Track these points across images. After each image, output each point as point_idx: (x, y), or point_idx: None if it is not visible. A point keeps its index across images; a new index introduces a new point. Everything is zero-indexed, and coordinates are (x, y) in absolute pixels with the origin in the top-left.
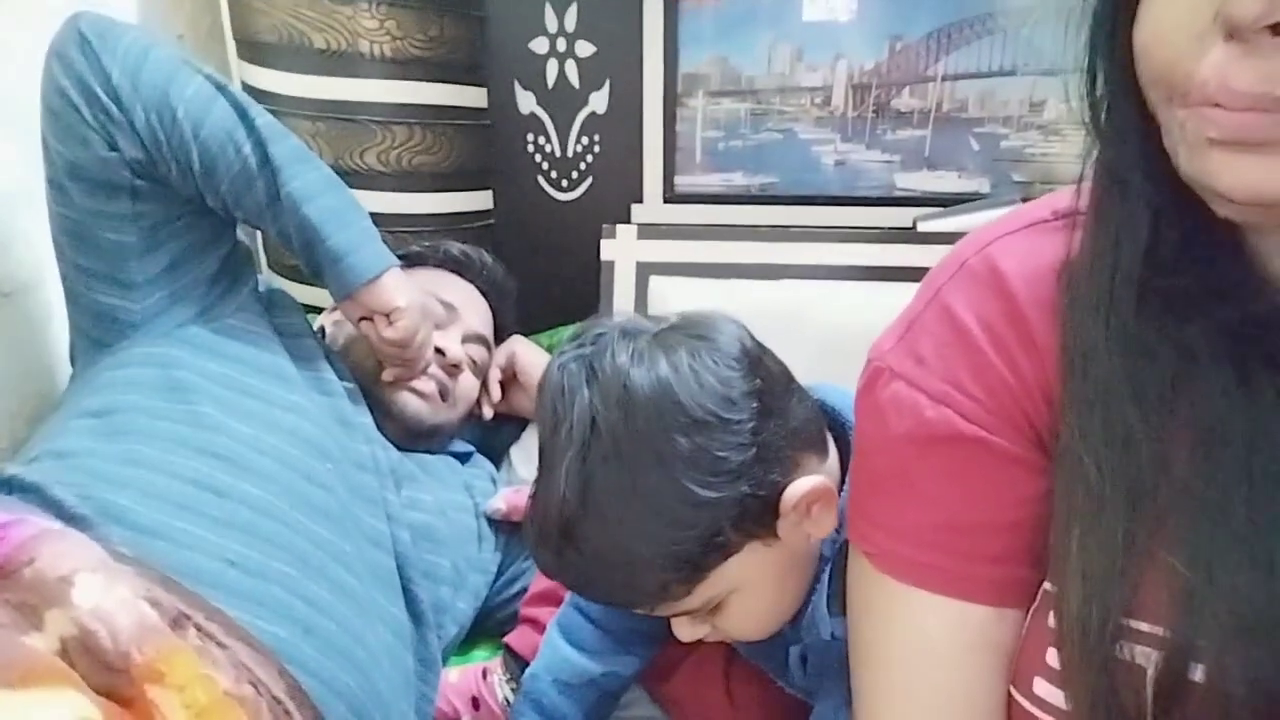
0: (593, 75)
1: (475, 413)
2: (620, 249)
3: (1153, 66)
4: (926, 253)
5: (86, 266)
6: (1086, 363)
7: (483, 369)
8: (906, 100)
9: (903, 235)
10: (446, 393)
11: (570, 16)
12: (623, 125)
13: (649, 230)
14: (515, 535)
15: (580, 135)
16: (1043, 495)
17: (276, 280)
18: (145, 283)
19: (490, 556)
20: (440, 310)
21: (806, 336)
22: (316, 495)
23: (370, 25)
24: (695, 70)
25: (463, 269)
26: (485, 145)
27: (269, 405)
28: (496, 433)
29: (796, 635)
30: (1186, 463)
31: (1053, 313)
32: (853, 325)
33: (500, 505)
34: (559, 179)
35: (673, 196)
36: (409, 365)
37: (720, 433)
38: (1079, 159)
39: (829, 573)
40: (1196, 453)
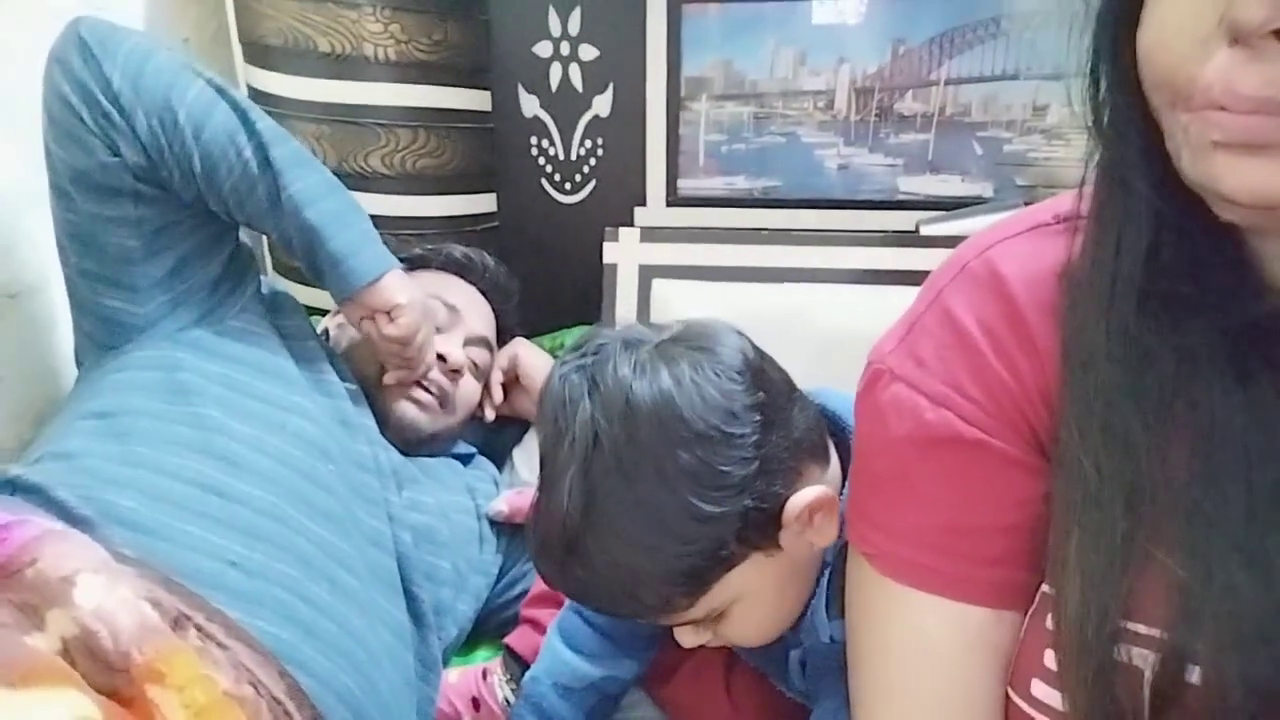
0: (596, 79)
1: (477, 415)
2: (623, 252)
3: (1156, 70)
4: (929, 256)
5: (90, 270)
6: (1086, 366)
7: (485, 372)
8: (909, 104)
9: (905, 239)
10: (446, 399)
11: (574, 20)
12: (626, 129)
13: (652, 233)
14: (517, 537)
15: (584, 138)
16: (1042, 498)
17: (281, 282)
18: (148, 286)
19: (491, 558)
20: (443, 313)
21: (808, 339)
22: (318, 496)
23: (375, 29)
24: (699, 74)
25: (465, 271)
26: (489, 148)
27: (271, 407)
28: (499, 434)
29: (796, 639)
30: (1185, 466)
31: (1053, 316)
32: (855, 328)
33: (502, 507)
34: (562, 182)
35: (676, 200)
36: (410, 365)
37: (723, 447)
38: (1082, 163)
39: (828, 576)
40: (1195, 456)
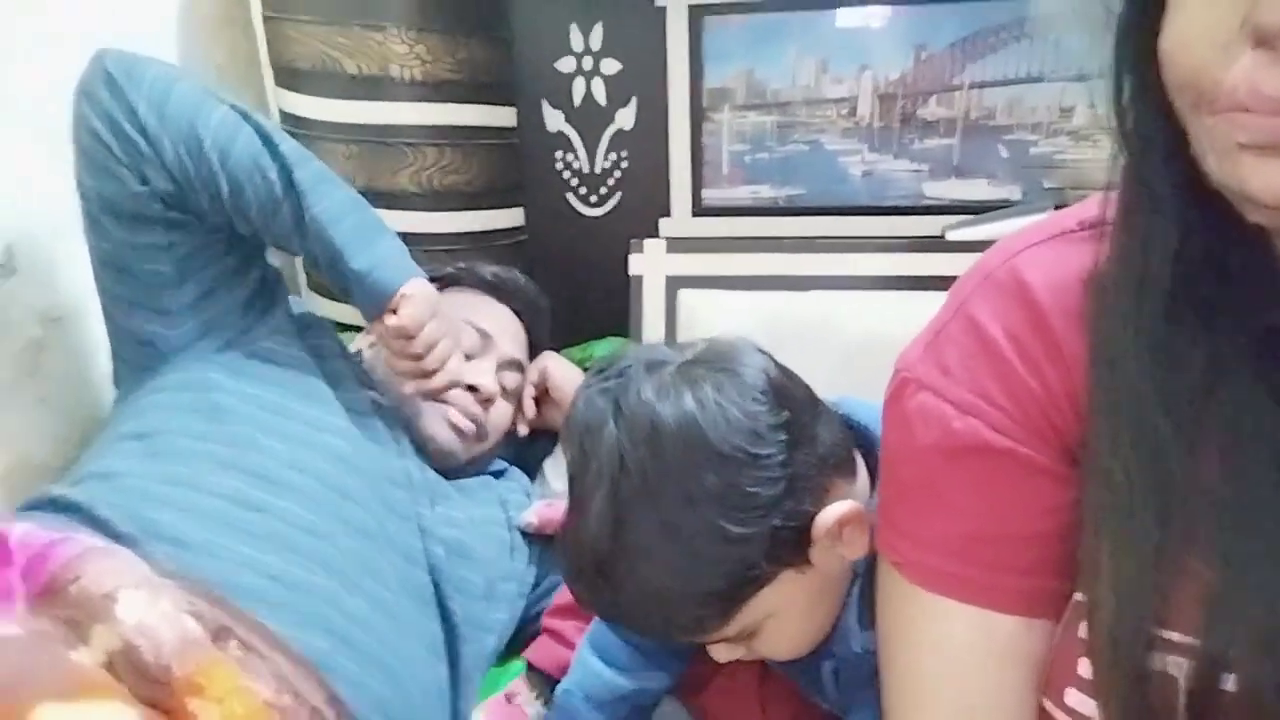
0: (619, 92)
1: (511, 430)
2: (649, 263)
3: (1179, 74)
4: (955, 261)
5: (125, 296)
6: (1115, 372)
7: (516, 393)
8: (933, 109)
9: (931, 244)
10: (480, 428)
11: (596, 35)
12: (650, 141)
13: (677, 244)
14: (549, 548)
15: (608, 152)
16: (1070, 505)
17: (316, 300)
18: (181, 310)
19: (524, 568)
20: (475, 338)
21: (835, 347)
22: (352, 511)
23: (400, 50)
24: (721, 84)
25: (496, 291)
26: (515, 164)
27: (304, 425)
28: (530, 447)
29: (828, 650)
30: (1217, 471)
31: (1079, 322)
32: (882, 335)
33: (532, 519)
34: (588, 195)
35: (701, 210)
36: (425, 375)
37: (749, 468)
38: (1110, 164)
39: (859, 587)
40: (1227, 461)
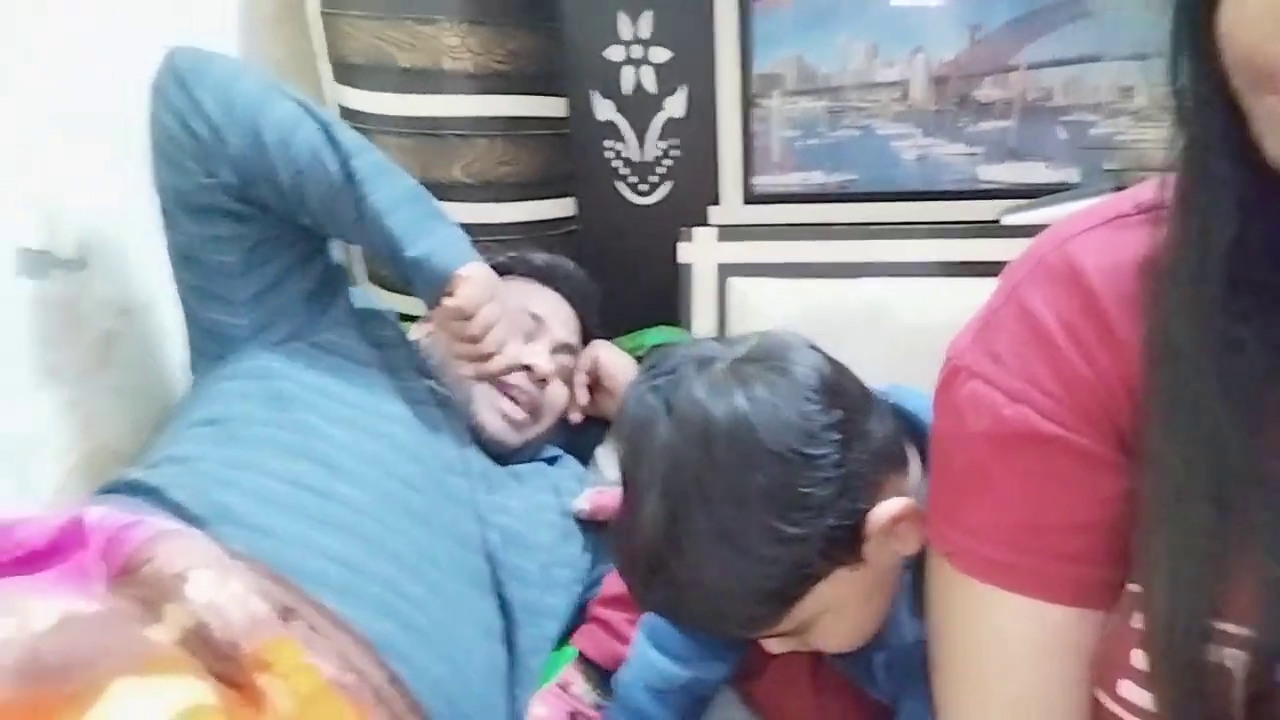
0: (669, 80)
1: (563, 416)
2: (699, 251)
3: (1238, 51)
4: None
5: (196, 286)
6: (1172, 358)
7: (569, 377)
8: (988, 91)
9: (987, 229)
10: (536, 408)
11: (644, 23)
12: (700, 128)
13: (728, 232)
14: (603, 535)
15: (658, 140)
16: (1124, 494)
17: (374, 290)
18: (247, 300)
19: (579, 554)
20: (529, 322)
21: (888, 335)
22: (410, 497)
23: (452, 43)
24: (771, 70)
25: (547, 278)
26: (565, 153)
27: (364, 413)
28: (583, 435)
29: (881, 640)
30: (1276, 458)
31: (1135, 308)
32: (936, 322)
33: (585, 505)
34: (638, 183)
35: (751, 197)
36: (476, 348)
37: (803, 469)
38: (1168, 146)
39: (909, 577)
40: None
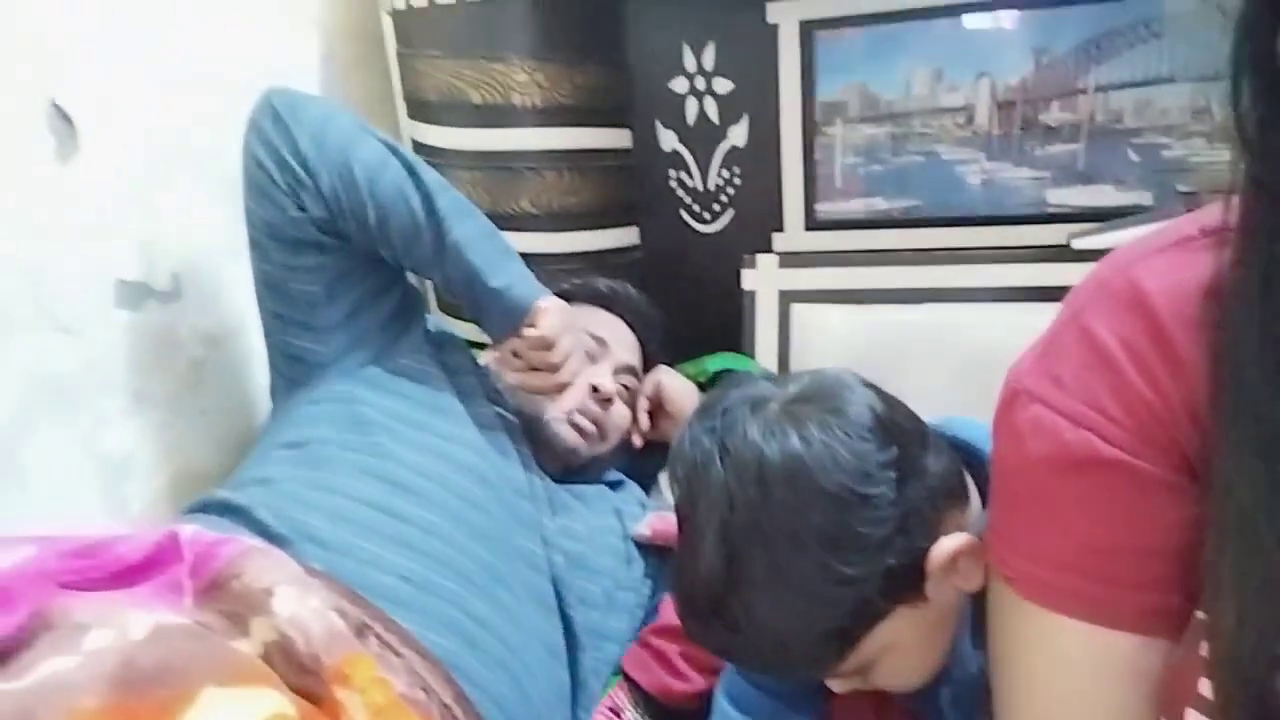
0: (731, 110)
1: (625, 439)
2: (762, 278)
3: None
4: (1082, 270)
5: (281, 314)
6: (1238, 382)
7: (632, 399)
8: (1056, 114)
9: (1056, 253)
10: (602, 427)
11: (708, 55)
12: (762, 156)
13: (790, 259)
14: (665, 560)
15: (721, 169)
16: (1190, 520)
17: (444, 319)
18: (329, 328)
19: (640, 578)
20: (593, 345)
21: (953, 361)
22: (478, 519)
23: (521, 79)
24: (834, 98)
25: (610, 303)
26: (630, 183)
27: (437, 437)
28: (645, 460)
29: (946, 675)
30: None
31: (1200, 332)
32: (1003, 348)
33: (645, 531)
34: (701, 212)
35: (814, 224)
36: (554, 376)
37: (859, 508)
38: (1232, 168)
39: (970, 609)
40: None
